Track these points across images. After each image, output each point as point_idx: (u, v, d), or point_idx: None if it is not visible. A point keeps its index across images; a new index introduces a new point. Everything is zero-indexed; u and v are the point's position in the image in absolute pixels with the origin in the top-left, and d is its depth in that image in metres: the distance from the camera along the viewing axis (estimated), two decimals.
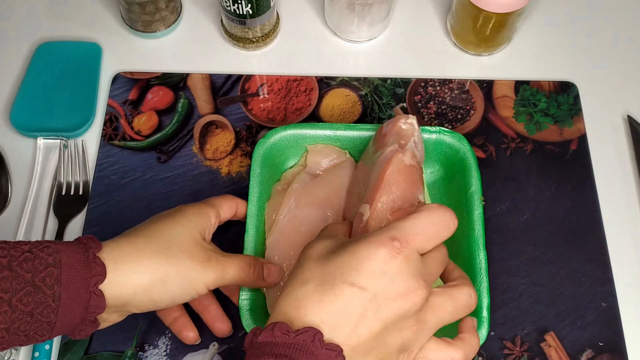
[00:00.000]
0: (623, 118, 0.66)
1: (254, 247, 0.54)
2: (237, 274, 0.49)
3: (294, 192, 0.58)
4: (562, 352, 0.55)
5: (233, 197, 0.54)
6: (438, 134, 0.57)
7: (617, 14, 0.73)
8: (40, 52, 0.68)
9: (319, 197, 0.57)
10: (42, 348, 0.54)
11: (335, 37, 0.71)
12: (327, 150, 0.59)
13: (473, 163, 0.56)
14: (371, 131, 0.58)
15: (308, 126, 0.59)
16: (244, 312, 0.51)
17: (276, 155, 0.59)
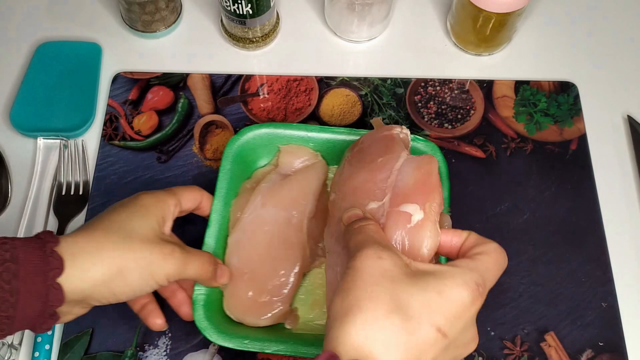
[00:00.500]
0: (623, 118, 0.66)
1: (214, 244, 0.54)
2: (196, 271, 0.49)
3: (262, 191, 0.57)
4: (562, 352, 0.55)
5: (199, 189, 0.54)
6: (413, 141, 0.56)
7: (617, 14, 0.73)
8: (40, 52, 0.68)
9: (286, 198, 0.57)
10: (42, 348, 0.54)
11: (335, 37, 0.71)
12: (300, 151, 0.59)
13: (444, 173, 0.56)
14: (345, 135, 0.58)
15: (282, 126, 0.59)
16: (197, 307, 0.51)
17: (248, 153, 0.59)
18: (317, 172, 0.58)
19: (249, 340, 0.50)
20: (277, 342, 0.50)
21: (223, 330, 0.51)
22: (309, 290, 0.56)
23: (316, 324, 0.54)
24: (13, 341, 0.55)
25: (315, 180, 0.58)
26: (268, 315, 0.52)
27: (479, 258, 0.40)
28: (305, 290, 0.56)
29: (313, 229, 0.56)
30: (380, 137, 0.53)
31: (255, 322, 0.52)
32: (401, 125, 0.53)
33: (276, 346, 0.50)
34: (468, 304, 0.37)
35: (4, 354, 0.54)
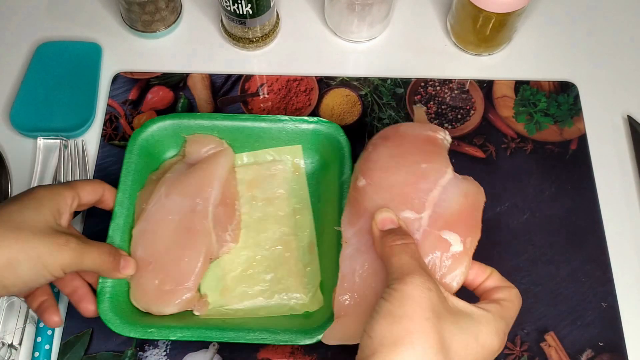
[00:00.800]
0: (623, 118, 0.66)
1: (120, 237, 0.54)
2: (96, 261, 0.49)
3: (166, 182, 0.57)
4: (562, 352, 0.55)
5: (100, 182, 0.54)
6: (316, 124, 0.59)
7: (617, 13, 0.73)
8: (40, 52, 0.69)
9: (191, 186, 0.57)
10: (42, 348, 0.54)
11: (335, 37, 0.71)
12: (205, 140, 0.59)
13: (347, 153, 0.57)
14: (250, 121, 0.59)
15: (186, 116, 0.60)
16: (102, 299, 0.51)
17: (154, 145, 0.59)
18: (223, 159, 0.59)
19: (154, 329, 0.50)
20: (182, 328, 0.50)
21: (128, 321, 0.51)
22: (220, 277, 0.56)
23: (227, 309, 0.55)
24: (13, 341, 0.55)
25: (220, 167, 0.58)
26: (174, 302, 0.53)
27: (506, 306, 0.43)
28: (215, 276, 0.56)
29: (220, 216, 0.56)
30: (424, 137, 0.52)
31: (161, 310, 0.53)
32: (445, 130, 0.53)
33: (181, 332, 0.50)
34: (496, 351, 0.40)
35: (3, 354, 0.54)
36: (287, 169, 0.61)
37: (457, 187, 0.48)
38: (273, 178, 0.60)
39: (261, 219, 0.59)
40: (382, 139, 0.53)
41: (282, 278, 0.56)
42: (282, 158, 0.61)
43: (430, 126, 0.54)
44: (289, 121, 0.59)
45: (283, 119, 0.59)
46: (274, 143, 0.60)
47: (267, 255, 0.57)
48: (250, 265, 0.57)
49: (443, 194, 0.47)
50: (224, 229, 0.57)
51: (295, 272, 0.56)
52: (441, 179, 0.48)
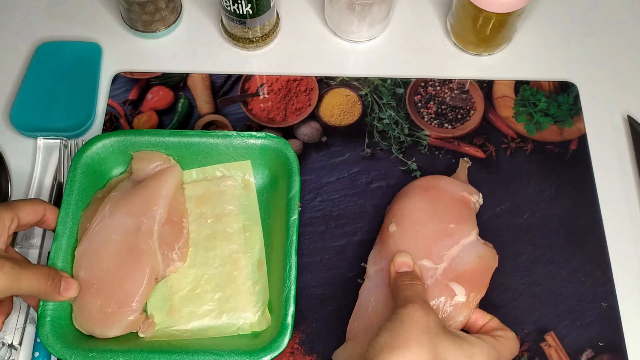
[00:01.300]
0: (623, 118, 0.66)
1: (62, 258, 0.53)
2: (32, 285, 0.47)
3: (111, 200, 0.56)
4: (562, 352, 0.55)
5: (41, 202, 0.53)
6: (264, 139, 0.58)
7: (617, 14, 0.73)
8: (40, 52, 0.69)
9: (136, 204, 0.55)
10: (42, 348, 0.54)
11: (335, 37, 0.71)
12: (152, 157, 0.58)
13: (296, 168, 0.57)
14: (197, 137, 0.58)
15: (132, 133, 0.58)
16: (43, 323, 0.50)
17: (99, 163, 0.58)
18: (170, 176, 0.57)
19: (95, 353, 0.49)
20: (125, 352, 0.49)
21: (70, 345, 0.50)
22: (167, 296, 0.55)
23: (174, 330, 0.54)
24: (13, 341, 0.55)
25: (167, 184, 0.57)
26: (118, 325, 0.52)
27: (502, 341, 0.48)
28: (162, 296, 0.55)
29: (166, 235, 0.55)
30: (459, 198, 0.57)
31: (105, 333, 0.52)
32: (479, 193, 0.58)
33: (124, 356, 0.49)
34: None
35: (4, 354, 0.54)
36: (237, 185, 0.60)
37: (475, 248, 0.54)
38: (223, 194, 0.59)
39: (210, 237, 0.57)
40: (421, 190, 0.58)
41: (231, 297, 0.55)
42: (232, 174, 0.60)
43: (467, 187, 0.59)
44: (237, 137, 0.58)
45: (230, 134, 0.58)
46: (222, 159, 0.59)
47: (215, 274, 0.56)
48: (198, 284, 0.55)
49: (462, 251, 0.54)
50: (171, 247, 0.55)
51: (244, 290, 0.55)
52: (464, 239, 0.54)
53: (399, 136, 0.64)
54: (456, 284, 0.52)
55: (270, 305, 0.54)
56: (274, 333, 0.51)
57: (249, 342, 0.52)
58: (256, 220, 0.59)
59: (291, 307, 0.51)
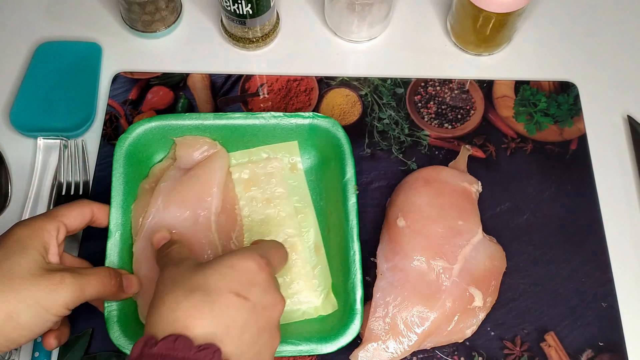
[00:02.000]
0: (623, 118, 0.66)
1: (118, 255, 0.52)
2: (97, 290, 0.47)
3: (162, 192, 0.54)
4: (562, 352, 0.55)
5: (87, 204, 0.52)
6: (312, 119, 0.57)
7: (617, 14, 0.73)
8: (40, 52, 0.68)
9: (189, 196, 0.53)
10: (42, 348, 0.54)
11: (335, 37, 0.71)
12: (196, 142, 0.56)
13: (348, 150, 0.55)
14: (242, 119, 0.57)
15: (174, 117, 0.57)
16: (111, 324, 0.50)
17: (141, 150, 0.56)
18: (219, 162, 0.55)
19: None
20: None
21: None
22: None
23: None
24: None
25: (217, 172, 0.55)
26: None
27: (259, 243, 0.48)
28: None
29: (223, 225, 0.54)
30: (461, 189, 0.58)
31: None
32: (477, 181, 0.59)
33: None
34: (256, 270, 0.43)
35: (3, 354, 0.54)
36: (283, 167, 0.59)
37: (485, 248, 0.56)
38: (270, 177, 0.58)
39: (263, 222, 0.57)
40: (423, 182, 0.58)
41: (292, 282, 0.54)
42: (278, 155, 0.59)
43: (467, 177, 0.60)
44: (284, 117, 0.57)
45: (277, 115, 0.57)
46: (268, 140, 0.58)
47: None
48: None
49: (473, 251, 0.55)
50: (228, 237, 0.54)
51: (304, 274, 0.55)
52: (472, 238, 0.56)
53: (399, 136, 0.64)
54: (475, 288, 0.54)
55: (334, 288, 0.54)
56: (344, 318, 0.51)
57: (318, 327, 0.52)
58: (308, 202, 0.58)
59: (359, 291, 0.51)
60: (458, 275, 0.54)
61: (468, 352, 0.55)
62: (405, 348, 0.53)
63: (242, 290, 0.41)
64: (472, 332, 0.54)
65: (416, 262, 0.54)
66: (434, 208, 0.57)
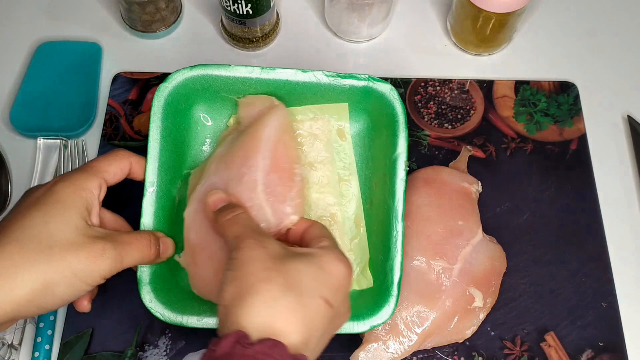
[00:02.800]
0: (623, 118, 0.66)
1: (152, 219, 0.49)
2: (135, 259, 0.45)
3: (216, 157, 0.50)
4: (562, 352, 0.55)
5: (125, 155, 0.48)
6: (367, 81, 0.53)
7: (617, 13, 0.73)
8: (40, 52, 0.68)
9: (236, 155, 0.49)
10: (42, 348, 0.54)
11: (335, 37, 0.71)
12: (258, 101, 0.52)
13: (402, 120, 0.51)
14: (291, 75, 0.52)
15: (217, 67, 0.52)
16: (143, 286, 0.48)
17: (181, 101, 0.52)
18: (271, 117, 0.50)
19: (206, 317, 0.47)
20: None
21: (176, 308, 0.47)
22: None
23: None
24: (13, 341, 0.55)
25: (268, 127, 0.49)
26: None
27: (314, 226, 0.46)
28: None
29: (274, 185, 0.48)
30: (461, 189, 0.58)
31: None
32: (478, 181, 0.59)
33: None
34: (347, 275, 0.41)
35: (3, 354, 0.54)
36: (330, 129, 0.54)
37: (485, 248, 0.56)
38: (315, 138, 0.54)
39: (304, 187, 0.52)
40: (423, 182, 0.59)
41: None
42: (326, 116, 0.54)
43: (467, 177, 0.60)
44: (337, 77, 0.52)
45: (329, 74, 0.52)
46: (317, 100, 0.54)
47: None
48: None
49: (473, 252, 0.55)
50: (282, 199, 0.47)
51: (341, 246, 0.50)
52: (472, 238, 0.56)
53: None
54: (475, 288, 0.54)
55: (372, 265, 0.51)
56: (379, 298, 0.48)
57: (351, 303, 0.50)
58: (352, 170, 0.54)
59: (397, 274, 0.48)
60: (458, 276, 0.54)
61: (468, 352, 0.55)
62: (405, 348, 0.53)
63: (331, 297, 0.39)
64: (472, 332, 0.54)
65: (416, 262, 0.54)
66: (434, 208, 0.57)
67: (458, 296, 0.54)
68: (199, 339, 0.55)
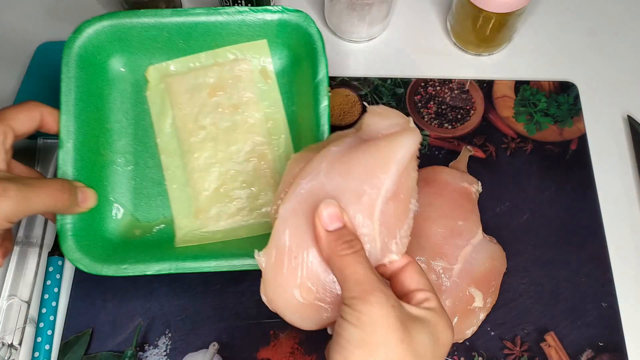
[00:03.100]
0: (623, 118, 0.66)
1: (73, 165, 0.48)
2: (46, 203, 0.44)
3: (329, 155, 0.43)
4: (562, 352, 0.55)
5: (36, 105, 0.47)
6: (281, 13, 0.52)
7: (617, 13, 0.73)
8: (40, 52, 0.68)
9: (360, 167, 0.43)
10: (42, 348, 0.54)
11: (335, 37, 0.71)
12: (389, 114, 0.47)
13: (320, 47, 0.51)
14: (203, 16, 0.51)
15: (128, 14, 0.51)
16: (64, 238, 0.47)
17: (93, 53, 0.52)
18: (408, 139, 0.44)
19: (127, 265, 0.46)
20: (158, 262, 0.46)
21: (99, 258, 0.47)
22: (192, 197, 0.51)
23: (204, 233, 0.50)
24: (13, 341, 0.55)
25: (402, 149, 0.43)
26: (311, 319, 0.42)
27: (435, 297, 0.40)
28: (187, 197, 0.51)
29: (389, 215, 0.42)
30: (461, 189, 0.58)
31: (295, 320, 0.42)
32: (477, 182, 0.59)
33: (158, 266, 0.46)
34: (449, 346, 0.39)
35: (3, 354, 0.54)
36: (253, 69, 0.54)
37: (485, 248, 0.56)
38: (238, 80, 0.53)
39: (230, 129, 0.52)
40: (423, 182, 0.58)
41: (261, 193, 0.50)
42: (247, 56, 0.54)
43: (467, 177, 0.60)
44: (250, 12, 0.52)
45: (242, 10, 0.52)
46: (235, 39, 0.53)
47: (240, 170, 0.51)
48: (224, 181, 0.51)
49: (473, 252, 0.55)
50: (392, 234, 0.42)
51: (274, 185, 0.51)
52: (473, 238, 0.56)
53: None
54: (475, 288, 0.54)
55: None
56: None
57: None
58: (279, 107, 0.53)
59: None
60: (458, 276, 0.54)
61: (468, 352, 0.55)
62: None
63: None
64: (472, 332, 0.54)
65: None
66: (434, 208, 0.57)
67: (458, 296, 0.54)
68: (199, 339, 0.55)
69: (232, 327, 0.55)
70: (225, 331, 0.55)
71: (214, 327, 0.55)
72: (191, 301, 0.56)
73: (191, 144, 0.53)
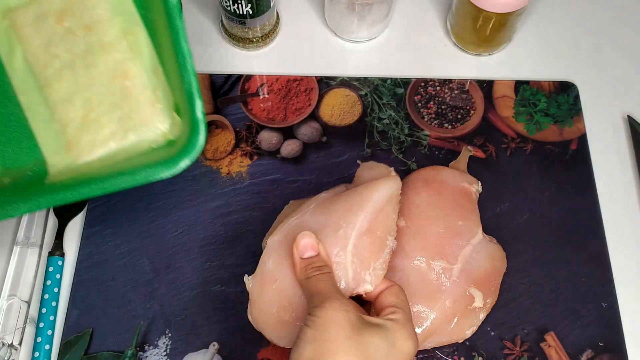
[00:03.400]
0: (623, 118, 0.66)
1: None
2: None
3: (318, 199, 0.52)
4: (562, 352, 0.55)
5: None
6: None
7: (617, 14, 0.73)
8: None
9: (339, 206, 0.50)
10: (42, 348, 0.54)
11: (335, 37, 0.71)
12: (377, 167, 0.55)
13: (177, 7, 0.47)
14: None
15: None
16: None
17: None
18: (385, 184, 0.51)
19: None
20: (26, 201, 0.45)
21: None
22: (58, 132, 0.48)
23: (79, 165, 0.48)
24: (13, 341, 0.55)
25: (378, 192, 0.50)
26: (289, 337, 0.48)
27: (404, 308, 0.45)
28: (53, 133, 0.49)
29: (363, 248, 0.48)
30: (460, 189, 0.58)
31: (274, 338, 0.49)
32: (478, 182, 0.59)
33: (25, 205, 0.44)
34: (414, 353, 0.42)
35: (3, 354, 0.54)
36: None
37: (485, 248, 0.56)
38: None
39: (86, 52, 0.49)
40: (423, 182, 0.59)
41: (132, 112, 0.48)
42: None
43: (467, 177, 0.60)
44: None
45: None
46: None
47: (106, 92, 0.48)
48: (90, 108, 0.48)
49: (473, 252, 0.55)
50: (366, 265, 0.47)
51: (144, 101, 0.49)
52: (472, 238, 0.56)
53: (399, 136, 0.64)
54: (475, 288, 0.54)
55: (178, 108, 0.48)
56: (187, 134, 0.45)
57: (167, 153, 0.46)
58: (135, 19, 0.50)
59: (197, 100, 0.45)
60: (458, 276, 0.54)
61: (468, 352, 0.55)
62: None
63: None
64: (472, 332, 0.54)
65: (416, 262, 0.54)
66: (433, 208, 0.57)
67: (458, 296, 0.54)
68: (199, 339, 0.55)
69: (232, 327, 0.55)
70: (225, 331, 0.55)
71: (214, 327, 0.55)
72: (191, 301, 0.56)
73: (47, 76, 0.50)
